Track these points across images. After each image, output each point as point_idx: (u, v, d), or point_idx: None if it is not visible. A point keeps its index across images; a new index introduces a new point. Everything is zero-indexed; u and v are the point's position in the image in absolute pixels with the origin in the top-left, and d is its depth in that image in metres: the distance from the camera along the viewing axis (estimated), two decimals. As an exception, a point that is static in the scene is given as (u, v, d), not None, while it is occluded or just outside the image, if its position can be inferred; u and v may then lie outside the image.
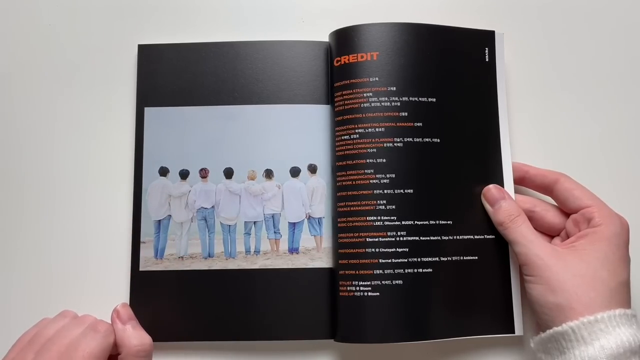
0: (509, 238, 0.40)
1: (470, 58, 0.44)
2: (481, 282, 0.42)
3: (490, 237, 0.42)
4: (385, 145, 0.41)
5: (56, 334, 0.38)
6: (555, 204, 0.42)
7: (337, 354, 0.43)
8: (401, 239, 0.40)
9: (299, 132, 0.44)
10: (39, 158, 0.46)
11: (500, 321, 0.41)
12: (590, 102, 0.46)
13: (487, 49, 0.44)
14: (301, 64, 0.45)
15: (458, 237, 0.42)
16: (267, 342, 0.43)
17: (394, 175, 0.41)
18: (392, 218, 0.40)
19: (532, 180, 0.42)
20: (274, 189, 0.44)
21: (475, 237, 0.42)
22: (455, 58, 0.43)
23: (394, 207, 0.40)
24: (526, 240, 0.39)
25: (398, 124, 0.41)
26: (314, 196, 0.44)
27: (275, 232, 0.44)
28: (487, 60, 0.44)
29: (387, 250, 0.40)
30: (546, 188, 0.42)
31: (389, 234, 0.40)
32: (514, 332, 0.41)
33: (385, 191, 0.41)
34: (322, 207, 0.44)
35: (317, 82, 0.44)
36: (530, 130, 0.46)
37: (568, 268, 0.37)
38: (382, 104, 0.41)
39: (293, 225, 0.44)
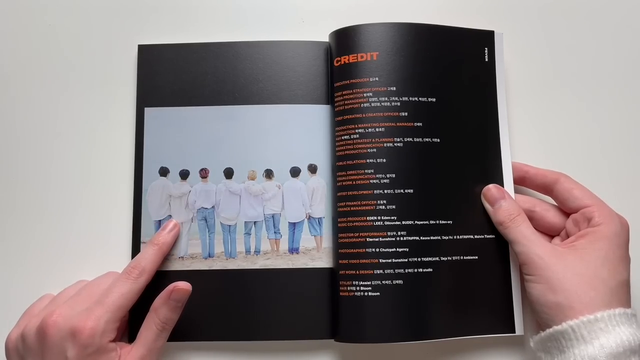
0: (509, 237, 0.40)
1: (470, 58, 0.44)
2: (481, 282, 0.42)
3: (491, 236, 0.42)
4: (385, 145, 0.41)
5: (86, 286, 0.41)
6: (555, 203, 0.42)
7: (337, 354, 0.43)
8: (401, 238, 0.40)
9: (299, 132, 0.44)
10: (39, 158, 0.46)
11: (500, 321, 0.41)
12: (590, 102, 0.47)
13: (486, 49, 0.44)
14: (301, 64, 0.45)
15: (458, 236, 0.42)
16: (267, 342, 0.43)
17: (394, 175, 0.41)
18: (392, 218, 0.40)
19: (532, 180, 0.42)
20: (274, 189, 0.44)
21: (476, 236, 0.42)
22: (455, 58, 0.43)
23: (394, 207, 0.40)
24: (526, 239, 0.39)
25: (398, 124, 0.41)
26: (314, 196, 0.44)
27: (275, 232, 0.44)
28: (486, 60, 0.44)
29: (387, 250, 0.40)
30: (546, 188, 0.42)
31: (389, 233, 0.40)
32: (514, 332, 0.41)
33: (386, 191, 0.41)
34: (322, 207, 0.44)
35: (317, 82, 0.44)
36: (530, 130, 0.46)
37: (568, 267, 0.37)
38: (382, 104, 0.41)
39: (293, 225, 0.44)
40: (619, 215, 0.39)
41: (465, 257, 0.41)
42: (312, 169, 0.44)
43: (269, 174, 0.44)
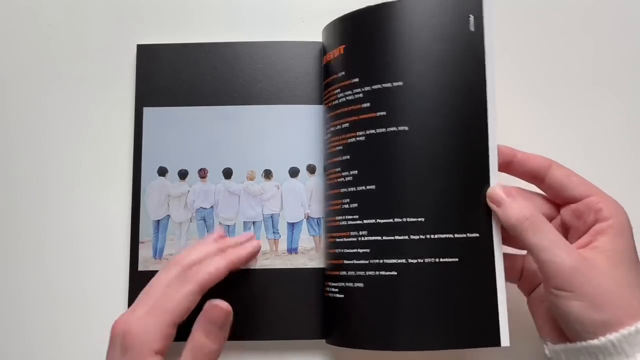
0: (529, 243, 0.34)
1: (450, 29, 0.37)
2: (462, 287, 0.36)
3: (474, 235, 0.36)
4: (349, 141, 0.39)
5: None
6: (544, 193, 0.38)
7: (331, 355, 0.43)
8: (362, 238, 0.37)
9: (298, 132, 0.44)
10: (37, 158, 0.46)
11: (483, 331, 0.35)
12: (590, 102, 0.46)
13: (472, 16, 0.37)
14: (300, 64, 0.45)
15: (433, 236, 0.36)
16: (266, 342, 0.43)
17: (356, 172, 0.38)
18: (354, 217, 0.38)
19: (521, 165, 0.37)
20: (273, 189, 0.44)
21: (456, 235, 0.36)
22: (429, 31, 0.37)
23: (356, 205, 0.38)
24: (553, 244, 0.33)
25: (360, 117, 0.38)
26: (312, 196, 0.44)
27: (274, 232, 0.44)
28: (472, 29, 0.37)
29: (349, 251, 0.38)
30: (537, 174, 0.36)
31: (351, 233, 0.38)
32: (499, 344, 0.35)
33: (349, 189, 0.39)
34: (320, 207, 0.44)
35: (316, 82, 0.44)
36: (529, 130, 0.45)
37: (608, 277, 0.32)
38: (347, 98, 0.39)
39: (292, 226, 0.44)
40: (618, 202, 0.35)
41: (442, 259, 0.36)
42: (311, 169, 0.44)
43: (268, 174, 0.44)
